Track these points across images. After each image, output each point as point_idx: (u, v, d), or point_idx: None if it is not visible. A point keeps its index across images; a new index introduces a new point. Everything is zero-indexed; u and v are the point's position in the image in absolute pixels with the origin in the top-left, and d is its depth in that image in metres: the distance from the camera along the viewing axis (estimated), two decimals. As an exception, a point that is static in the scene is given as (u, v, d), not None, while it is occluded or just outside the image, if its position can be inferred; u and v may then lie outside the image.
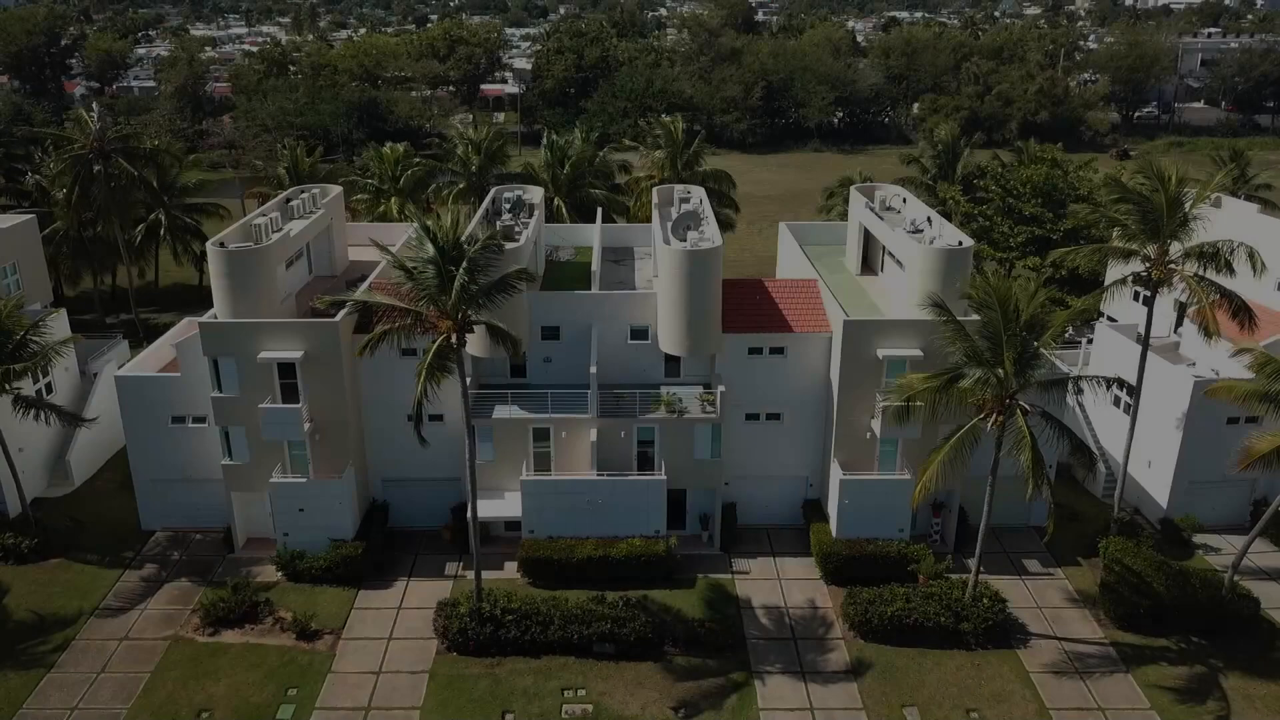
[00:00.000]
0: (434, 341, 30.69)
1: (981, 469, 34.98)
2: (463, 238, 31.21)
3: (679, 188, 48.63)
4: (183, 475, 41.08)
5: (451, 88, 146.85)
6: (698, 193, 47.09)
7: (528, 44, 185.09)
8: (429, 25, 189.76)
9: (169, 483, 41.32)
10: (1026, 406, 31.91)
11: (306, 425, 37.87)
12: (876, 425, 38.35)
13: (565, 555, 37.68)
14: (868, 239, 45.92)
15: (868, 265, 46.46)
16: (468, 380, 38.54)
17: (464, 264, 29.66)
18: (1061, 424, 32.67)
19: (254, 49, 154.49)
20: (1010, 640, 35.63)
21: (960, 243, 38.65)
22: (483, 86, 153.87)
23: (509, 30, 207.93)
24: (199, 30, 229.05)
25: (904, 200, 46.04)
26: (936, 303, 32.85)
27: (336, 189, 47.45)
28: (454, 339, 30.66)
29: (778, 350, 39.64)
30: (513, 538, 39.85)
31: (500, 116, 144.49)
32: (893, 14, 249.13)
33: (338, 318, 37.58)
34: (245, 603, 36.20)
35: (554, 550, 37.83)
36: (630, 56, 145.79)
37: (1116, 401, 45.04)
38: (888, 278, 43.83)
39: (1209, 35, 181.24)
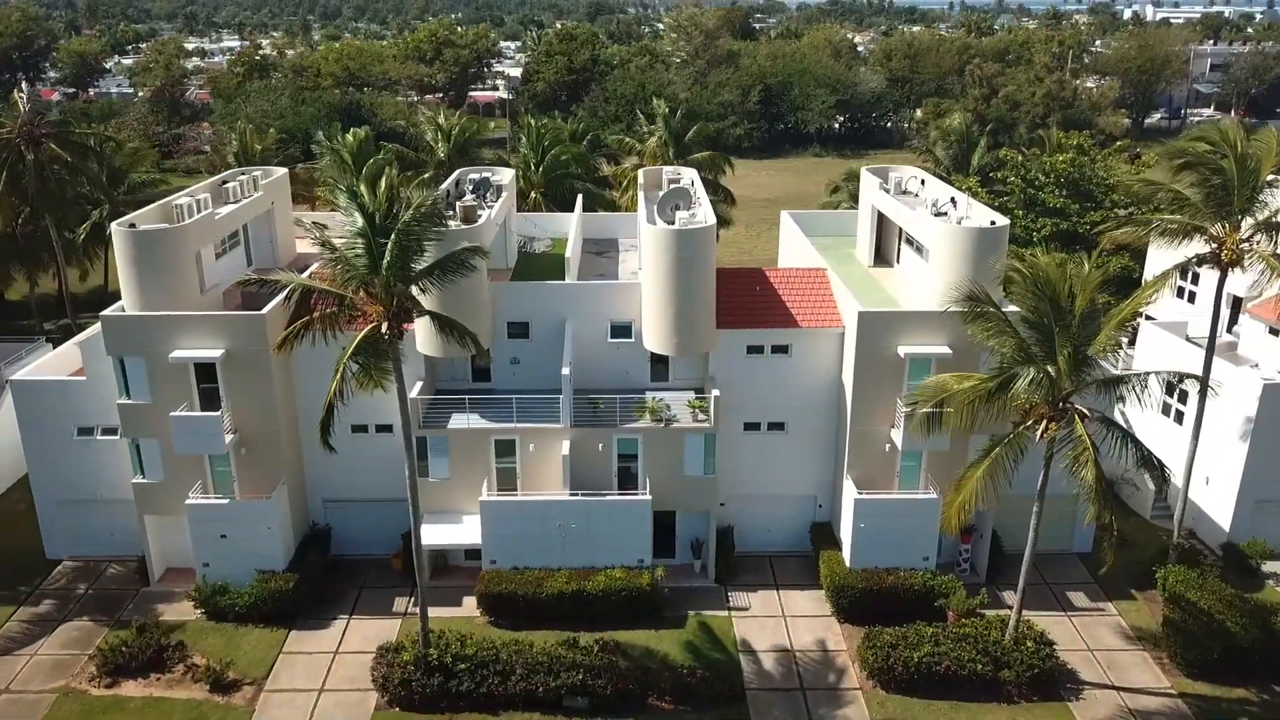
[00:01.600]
0: (360, 332, 25.26)
1: (1019, 486, 29.53)
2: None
3: (668, 169, 43.48)
4: (93, 495, 35.60)
5: (440, 94, 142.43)
6: (689, 173, 41.92)
7: (520, 55, 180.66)
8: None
9: (77, 504, 35.83)
10: (1085, 411, 26.48)
11: (229, 437, 32.43)
12: (898, 436, 33.02)
13: (532, 590, 32.29)
14: (881, 226, 40.75)
15: (881, 256, 41.24)
16: (420, 384, 33.71)
17: (394, 235, 24.25)
18: (1127, 432, 27.13)
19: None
20: (1059, 691, 30.24)
21: (993, 222, 33.44)
22: (472, 92, 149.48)
23: (504, 44, 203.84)
24: (192, 43, 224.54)
25: (922, 182, 40.79)
26: (972, 291, 27.56)
27: (281, 171, 42.15)
28: (386, 329, 25.20)
29: (781, 349, 34.73)
30: (473, 568, 34.42)
31: (491, 124, 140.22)
32: (889, 24, 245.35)
33: (265, 310, 32.20)
34: (151, 646, 30.72)
35: (519, 584, 32.47)
36: (623, 60, 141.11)
37: (1165, 409, 39.66)
38: (906, 267, 38.57)
39: (1215, 43, 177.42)
